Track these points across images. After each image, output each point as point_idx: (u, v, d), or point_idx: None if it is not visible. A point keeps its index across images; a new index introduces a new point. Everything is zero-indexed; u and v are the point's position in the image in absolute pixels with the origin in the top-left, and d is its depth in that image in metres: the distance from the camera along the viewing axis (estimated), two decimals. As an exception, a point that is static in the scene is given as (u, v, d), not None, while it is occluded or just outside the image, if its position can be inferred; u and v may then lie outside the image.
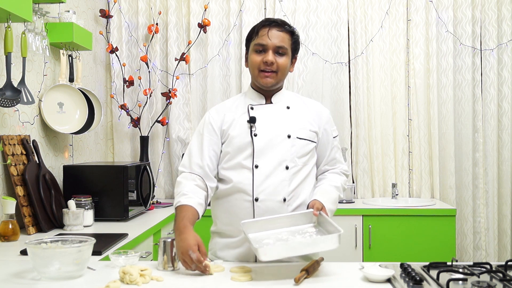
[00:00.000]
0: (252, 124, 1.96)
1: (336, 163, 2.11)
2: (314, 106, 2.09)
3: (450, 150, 3.94)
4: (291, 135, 1.97)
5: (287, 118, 2.00)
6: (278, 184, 1.92)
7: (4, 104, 2.40)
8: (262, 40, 1.95)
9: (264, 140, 1.95)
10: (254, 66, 1.97)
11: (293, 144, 1.96)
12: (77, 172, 2.95)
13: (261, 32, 1.96)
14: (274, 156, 1.94)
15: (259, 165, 1.93)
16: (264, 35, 1.95)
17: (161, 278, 1.66)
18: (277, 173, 1.93)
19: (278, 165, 1.93)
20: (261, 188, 1.92)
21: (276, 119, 1.99)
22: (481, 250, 3.92)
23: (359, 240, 3.47)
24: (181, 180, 1.96)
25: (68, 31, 2.93)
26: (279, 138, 1.96)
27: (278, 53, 1.95)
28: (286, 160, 1.94)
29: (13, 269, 1.80)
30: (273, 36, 1.94)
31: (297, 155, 1.96)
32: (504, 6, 3.95)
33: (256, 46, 1.97)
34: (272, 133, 1.96)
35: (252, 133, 1.96)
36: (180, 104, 4.01)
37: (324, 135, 2.05)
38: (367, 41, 3.96)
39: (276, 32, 1.95)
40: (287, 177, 1.93)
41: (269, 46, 1.94)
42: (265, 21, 2.00)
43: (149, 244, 2.76)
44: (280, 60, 1.95)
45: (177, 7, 4.01)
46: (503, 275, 1.61)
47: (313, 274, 1.72)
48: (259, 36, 1.96)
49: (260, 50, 1.96)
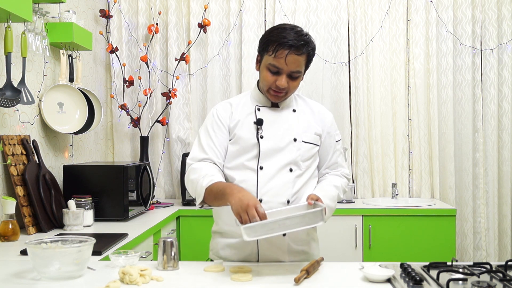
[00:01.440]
0: (259, 126, 1.96)
1: (338, 167, 2.09)
2: (318, 109, 2.08)
3: (450, 150, 3.94)
4: (297, 138, 1.96)
5: (293, 122, 1.99)
6: (282, 186, 1.92)
7: (4, 104, 2.40)
8: (278, 63, 1.87)
9: (270, 142, 1.95)
10: (266, 83, 1.94)
11: (298, 148, 1.96)
12: (77, 172, 2.95)
13: (279, 54, 1.86)
14: (279, 159, 1.94)
15: (264, 167, 1.93)
16: (282, 59, 1.86)
17: (161, 278, 1.66)
18: (281, 175, 1.93)
19: (282, 167, 1.94)
20: (265, 189, 1.92)
21: (283, 122, 1.98)
22: (481, 250, 3.92)
23: (359, 240, 3.47)
24: (198, 166, 1.89)
25: (68, 31, 2.93)
26: (285, 142, 1.95)
27: (292, 77, 1.91)
28: (290, 163, 1.94)
29: (13, 269, 1.80)
30: (290, 61, 1.87)
31: (302, 158, 1.96)
32: (504, 6, 3.94)
33: (271, 66, 1.90)
34: (279, 136, 1.96)
35: (258, 135, 1.95)
36: (180, 104, 4.00)
37: (327, 139, 2.05)
38: (367, 41, 3.96)
39: (294, 56, 1.86)
40: (290, 179, 1.93)
41: (284, 71, 1.89)
42: (283, 38, 1.86)
43: (149, 244, 2.76)
44: (293, 83, 1.92)
45: (177, 7, 4.01)
46: (503, 275, 1.61)
47: (313, 274, 1.72)
48: (276, 57, 1.87)
49: (274, 71, 1.90)
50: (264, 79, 1.94)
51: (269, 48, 1.89)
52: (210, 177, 1.82)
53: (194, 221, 3.51)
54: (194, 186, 1.86)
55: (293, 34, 1.88)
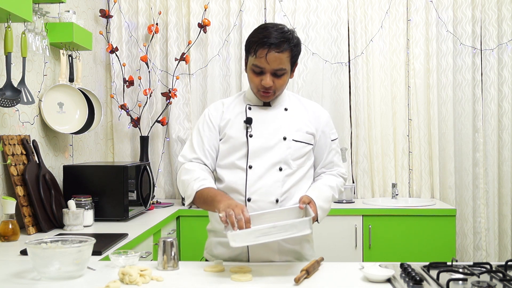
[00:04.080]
0: (248, 125, 1.96)
1: (334, 166, 2.08)
2: (313, 108, 2.07)
3: (450, 150, 3.94)
4: (286, 137, 1.96)
5: (284, 120, 1.99)
6: (271, 185, 1.92)
7: (4, 104, 2.40)
8: (259, 63, 1.87)
9: (259, 141, 1.95)
10: (253, 85, 1.95)
11: (288, 147, 1.95)
12: (77, 172, 2.95)
13: (259, 54, 1.86)
14: (269, 158, 1.94)
15: (253, 166, 1.93)
16: (262, 58, 1.85)
17: (161, 278, 1.66)
18: (270, 174, 1.93)
19: (271, 166, 1.93)
20: (253, 188, 1.92)
21: (273, 121, 1.98)
22: (481, 250, 3.92)
23: (359, 240, 3.47)
24: (191, 167, 1.94)
25: (68, 31, 2.93)
26: (274, 140, 1.95)
27: (276, 75, 1.90)
28: (280, 162, 1.94)
29: (13, 269, 1.80)
30: (271, 59, 1.86)
31: (292, 157, 1.95)
32: (504, 6, 3.94)
33: (254, 67, 1.90)
34: (268, 135, 1.96)
35: (247, 134, 1.96)
36: (180, 104, 4.01)
37: (322, 138, 2.03)
38: (367, 41, 3.96)
39: (275, 54, 1.85)
40: (280, 179, 1.93)
41: (266, 70, 1.88)
42: (263, 38, 1.85)
43: (149, 244, 2.76)
44: (278, 81, 1.91)
45: (177, 7, 4.01)
46: (503, 275, 1.61)
47: (313, 274, 1.72)
48: (257, 57, 1.87)
49: (258, 71, 1.90)
50: (251, 80, 1.95)
51: (251, 50, 1.90)
52: (201, 181, 1.86)
53: (194, 221, 3.51)
54: (185, 187, 1.90)
55: (274, 32, 1.87)
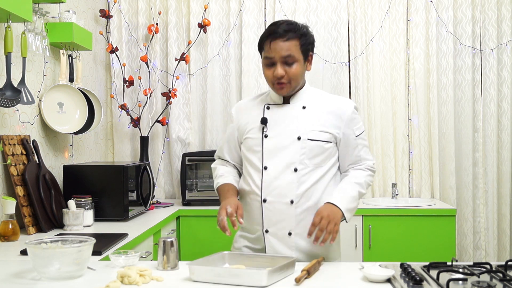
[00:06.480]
0: (264, 125, 1.98)
1: (361, 160, 2.04)
2: (337, 103, 2.03)
3: (450, 150, 3.94)
4: (301, 137, 1.94)
5: (300, 119, 1.97)
6: (285, 186, 1.92)
7: (4, 104, 2.40)
8: (268, 54, 1.93)
9: (274, 141, 1.96)
10: (268, 80, 1.98)
11: (303, 146, 1.94)
12: (77, 172, 2.95)
13: (267, 44, 1.92)
14: (283, 158, 1.94)
15: (268, 167, 1.94)
16: (270, 48, 1.91)
17: (161, 278, 1.66)
18: (285, 175, 1.93)
19: (286, 167, 1.93)
20: (269, 189, 1.93)
21: (289, 120, 1.98)
22: (481, 250, 3.92)
23: (359, 240, 3.47)
24: (215, 166, 2.18)
25: (68, 31, 2.93)
26: (288, 140, 1.95)
27: (287, 63, 1.91)
28: (295, 162, 1.93)
29: (13, 269, 1.80)
30: (277, 48, 1.90)
31: (308, 156, 1.94)
32: (504, 6, 3.94)
33: (265, 60, 1.95)
34: (282, 135, 1.96)
35: (263, 134, 1.97)
36: (180, 104, 4.00)
37: (346, 135, 1.99)
38: (367, 41, 3.96)
39: (280, 43, 1.90)
40: (295, 179, 1.93)
41: (276, 59, 1.91)
42: (268, 31, 1.94)
43: (149, 244, 2.76)
44: (290, 70, 1.92)
45: (177, 7, 4.01)
46: (503, 275, 1.61)
47: (313, 274, 1.72)
48: (266, 49, 1.94)
49: (269, 64, 1.94)
50: (265, 76, 1.98)
51: (262, 45, 1.97)
52: (219, 178, 2.09)
53: (194, 221, 3.51)
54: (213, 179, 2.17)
55: (281, 25, 1.93)
